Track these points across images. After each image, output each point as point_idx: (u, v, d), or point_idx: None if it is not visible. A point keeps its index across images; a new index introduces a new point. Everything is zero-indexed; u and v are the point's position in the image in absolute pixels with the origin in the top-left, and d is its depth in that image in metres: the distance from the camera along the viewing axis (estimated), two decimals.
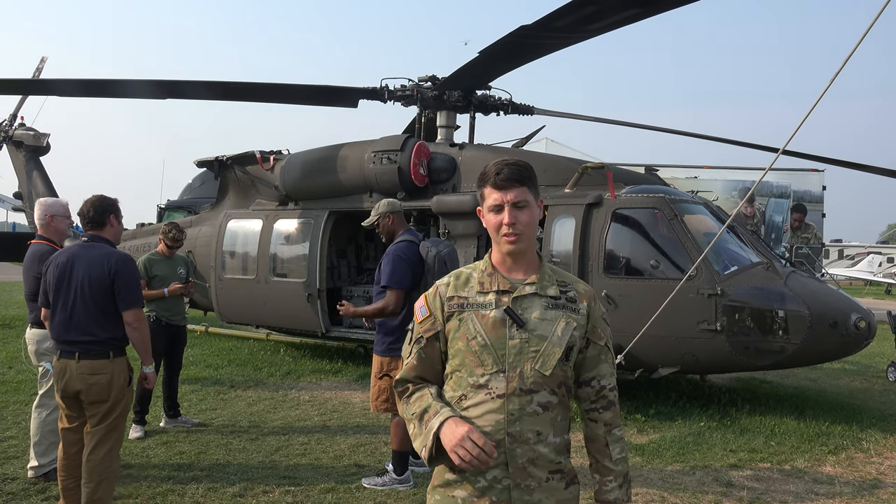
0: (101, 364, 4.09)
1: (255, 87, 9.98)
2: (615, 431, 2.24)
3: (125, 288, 4.14)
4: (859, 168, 10.58)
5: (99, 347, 4.10)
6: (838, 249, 39.99)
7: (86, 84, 9.90)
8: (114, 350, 4.16)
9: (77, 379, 4.06)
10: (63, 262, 4.17)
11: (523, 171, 2.17)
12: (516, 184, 2.14)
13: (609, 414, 2.23)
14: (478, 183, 2.24)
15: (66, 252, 4.26)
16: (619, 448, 2.24)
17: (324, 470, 5.48)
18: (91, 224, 4.29)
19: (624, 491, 2.23)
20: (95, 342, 4.10)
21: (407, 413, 2.21)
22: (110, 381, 4.10)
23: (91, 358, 4.08)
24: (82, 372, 4.06)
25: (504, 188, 2.14)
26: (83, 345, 4.09)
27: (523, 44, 7.33)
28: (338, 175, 9.32)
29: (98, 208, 4.30)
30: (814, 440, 6.48)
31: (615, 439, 2.23)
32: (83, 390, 4.06)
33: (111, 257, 4.16)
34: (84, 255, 4.17)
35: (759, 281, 7.06)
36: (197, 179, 16.71)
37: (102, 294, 4.11)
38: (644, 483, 5.30)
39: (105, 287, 4.10)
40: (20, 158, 14.18)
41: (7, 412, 6.84)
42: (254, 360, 10.10)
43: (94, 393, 4.07)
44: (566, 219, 7.75)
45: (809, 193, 17.26)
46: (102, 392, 4.08)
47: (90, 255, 4.16)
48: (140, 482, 5.09)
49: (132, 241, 12.54)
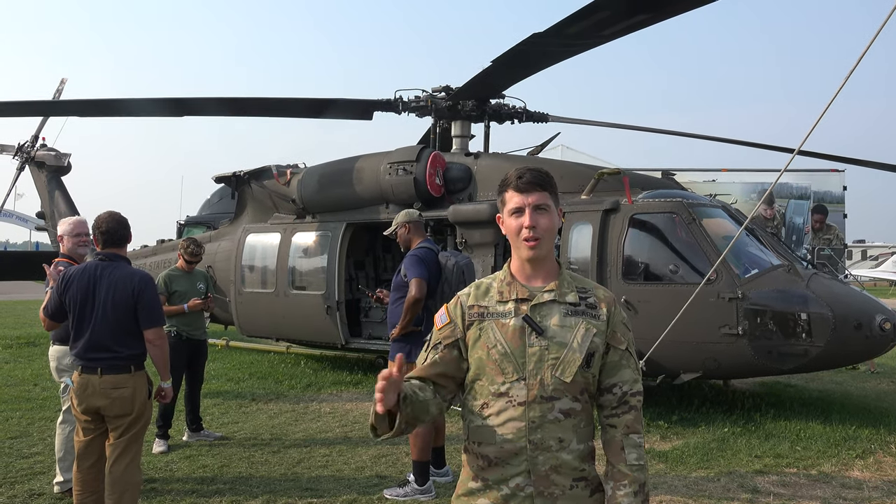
0: (123, 378, 4.13)
1: (269, 102, 10.09)
2: (633, 437, 2.14)
3: (147, 308, 4.20)
4: (880, 167, 10.45)
5: (121, 362, 4.15)
6: (861, 250, 39.41)
7: (99, 104, 10.05)
8: (135, 364, 4.21)
9: (100, 394, 4.10)
10: (85, 281, 4.20)
11: (545, 177, 2.18)
12: (538, 188, 2.15)
13: (629, 417, 2.15)
14: (499, 189, 2.24)
15: (84, 271, 4.25)
16: (637, 454, 2.12)
17: (346, 481, 5.48)
18: (110, 242, 4.32)
19: (638, 501, 2.09)
20: (118, 357, 4.14)
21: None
22: (133, 395, 4.14)
23: (114, 373, 4.12)
24: (105, 387, 4.10)
25: (526, 191, 2.14)
26: (106, 360, 4.13)
27: (536, 51, 7.34)
28: (354, 187, 9.37)
29: (118, 226, 4.33)
30: (841, 444, 6.38)
31: (633, 444, 2.13)
32: (106, 405, 4.10)
33: (134, 277, 4.22)
34: (106, 274, 4.20)
35: (780, 283, 6.98)
36: (215, 195, 16.85)
37: (126, 314, 4.16)
38: (668, 490, 5.25)
39: (129, 307, 4.16)
40: (42, 179, 14.39)
41: (33, 428, 6.91)
42: (274, 372, 10.14)
43: (118, 407, 4.11)
44: (583, 225, 7.72)
45: (830, 194, 17.05)
46: (126, 406, 4.12)
47: (113, 275, 4.19)
48: (164, 496, 5.12)
49: (152, 257, 12.67)
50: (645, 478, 2.14)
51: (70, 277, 4.26)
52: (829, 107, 5.19)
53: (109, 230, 4.31)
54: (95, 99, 11.43)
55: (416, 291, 5.21)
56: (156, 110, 10.32)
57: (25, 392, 8.64)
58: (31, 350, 12.18)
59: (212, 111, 10.37)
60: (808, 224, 16.83)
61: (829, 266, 11.01)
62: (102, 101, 10.11)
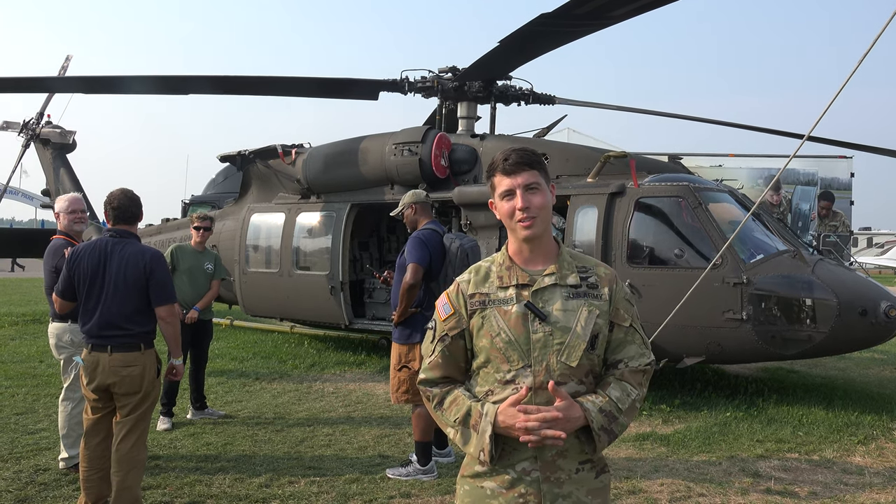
0: (133, 356, 4.14)
1: (276, 81, 10.04)
2: (625, 384, 2.11)
3: (159, 285, 4.20)
4: (889, 154, 10.37)
5: (131, 340, 4.15)
6: (867, 237, 39.25)
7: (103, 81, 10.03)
8: (144, 342, 4.21)
9: (109, 372, 4.10)
10: (95, 258, 4.17)
11: (532, 155, 2.15)
12: (525, 167, 2.12)
13: (629, 372, 2.13)
14: (487, 174, 2.22)
15: (95, 247, 4.22)
16: (620, 395, 2.09)
17: (348, 461, 5.51)
18: (122, 219, 4.30)
19: (602, 418, 2.03)
20: (129, 335, 4.14)
21: (446, 420, 2.15)
22: (142, 373, 4.15)
23: (124, 350, 4.13)
24: (115, 365, 4.10)
25: (513, 173, 2.12)
26: (116, 338, 4.13)
27: (544, 32, 7.26)
28: (359, 168, 9.34)
29: (130, 202, 4.31)
30: (843, 430, 6.39)
31: (622, 388, 2.10)
32: (116, 382, 4.11)
33: (145, 255, 4.21)
34: (117, 251, 4.18)
35: (785, 269, 6.96)
36: (220, 174, 16.82)
37: (137, 291, 4.15)
38: (669, 474, 5.26)
39: (140, 284, 4.15)
40: (47, 156, 14.40)
41: (38, 405, 6.96)
42: (278, 352, 10.18)
43: (127, 385, 4.12)
44: (589, 208, 7.69)
45: (837, 181, 16.95)
46: (135, 384, 4.13)
47: (123, 252, 4.18)
48: (168, 473, 5.16)
49: (157, 236, 12.69)
50: (620, 417, 2.07)
51: (79, 254, 4.23)
52: (840, 92, 5.13)
53: (121, 206, 4.29)
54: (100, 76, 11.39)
55: (410, 277, 5.15)
56: (160, 88, 10.29)
57: (31, 368, 8.69)
58: (37, 327, 12.24)
59: (217, 89, 10.32)
60: (815, 210, 16.75)
61: (834, 252, 10.95)
62: (107, 78, 10.07)
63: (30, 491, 4.74)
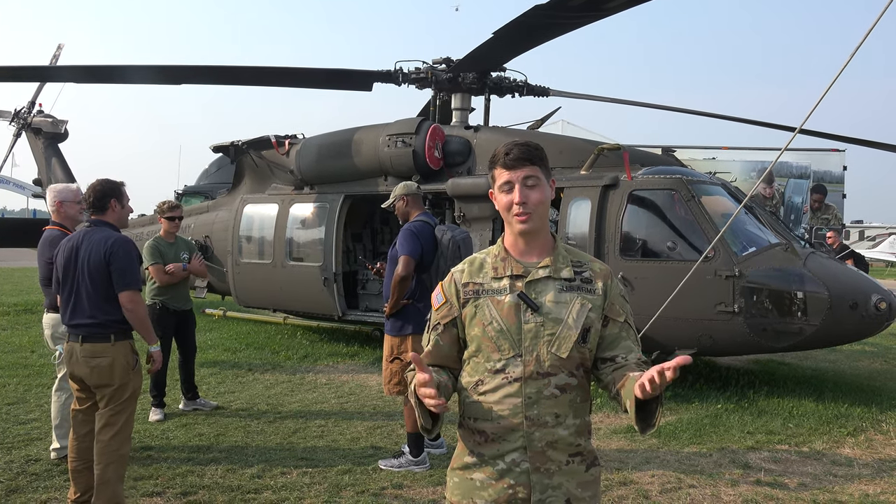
0: (101, 347, 4.10)
1: (269, 72, 9.98)
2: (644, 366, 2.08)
3: (119, 269, 4.12)
4: (881, 147, 10.38)
5: (101, 330, 4.11)
6: (859, 230, 39.50)
7: (96, 70, 9.95)
8: (115, 333, 4.15)
9: (81, 362, 4.09)
10: (69, 248, 4.21)
11: (533, 150, 2.15)
12: (526, 162, 2.13)
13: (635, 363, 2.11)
14: (489, 165, 2.23)
15: (72, 238, 4.29)
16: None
17: (341, 452, 5.52)
18: (93, 209, 4.31)
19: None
20: (97, 325, 4.11)
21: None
22: (111, 365, 4.10)
23: (93, 341, 4.10)
24: (85, 355, 4.08)
25: (514, 167, 2.13)
26: (87, 328, 4.11)
27: (538, 24, 7.24)
28: (353, 159, 9.31)
29: (99, 193, 4.29)
30: (832, 422, 6.43)
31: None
32: (86, 374, 4.10)
33: (108, 240, 4.15)
34: (86, 239, 4.19)
35: (777, 262, 6.98)
36: (213, 165, 16.77)
37: (101, 277, 4.11)
38: (660, 465, 5.29)
39: (103, 270, 4.11)
40: (39, 145, 14.29)
41: (30, 395, 6.95)
42: (271, 343, 10.18)
43: (97, 376, 4.09)
44: (582, 201, 7.70)
45: (830, 174, 17.01)
46: (104, 376, 4.09)
47: (91, 239, 4.18)
48: (160, 463, 5.16)
49: (150, 226, 12.63)
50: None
51: (61, 245, 4.31)
52: (832, 84, 5.14)
53: (88, 197, 4.33)
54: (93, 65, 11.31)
55: (402, 269, 5.15)
56: (153, 77, 10.20)
57: (23, 359, 8.67)
58: (29, 317, 12.20)
59: (210, 80, 10.25)
60: (807, 203, 16.81)
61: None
62: (99, 67, 9.98)
63: (21, 481, 4.74)
